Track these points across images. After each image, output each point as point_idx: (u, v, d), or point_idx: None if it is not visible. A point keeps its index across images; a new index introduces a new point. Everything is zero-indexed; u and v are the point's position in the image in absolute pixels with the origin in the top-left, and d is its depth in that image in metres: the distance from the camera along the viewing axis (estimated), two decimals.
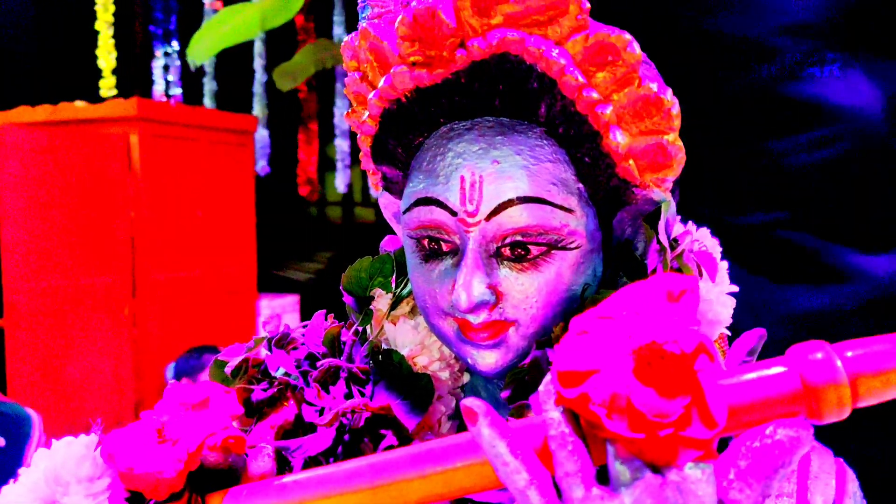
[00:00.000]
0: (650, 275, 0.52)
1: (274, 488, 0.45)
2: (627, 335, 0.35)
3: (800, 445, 0.36)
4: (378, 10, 0.53)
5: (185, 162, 3.73)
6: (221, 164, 4.00)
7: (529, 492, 0.36)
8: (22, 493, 0.46)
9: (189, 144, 3.79)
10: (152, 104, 3.80)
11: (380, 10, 0.53)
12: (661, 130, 0.49)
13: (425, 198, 0.52)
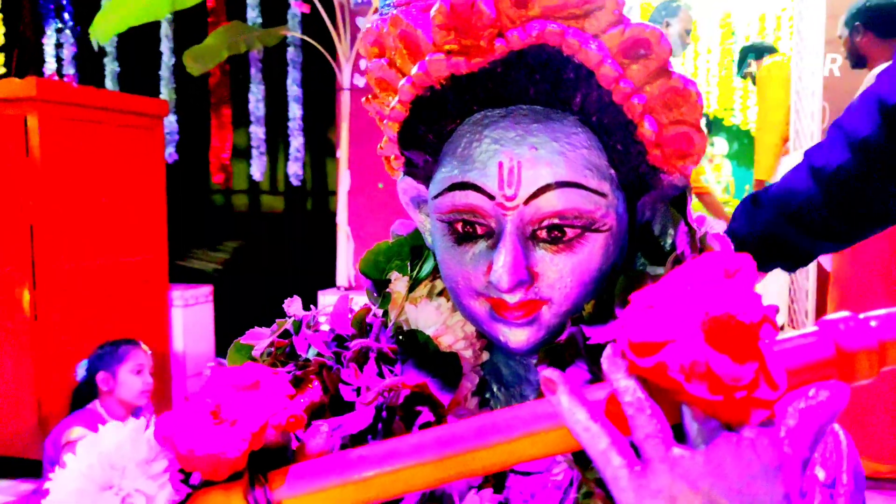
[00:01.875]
0: (671, 255, 0.56)
1: (340, 463, 0.46)
2: (696, 308, 0.38)
3: (839, 405, 0.40)
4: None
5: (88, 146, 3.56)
6: (129, 150, 3.83)
7: (611, 454, 0.39)
8: (77, 479, 0.45)
9: (93, 128, 3.61)
10: (53, 84, 3.60)
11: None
12: (687, 121, 0.53)
13: (461, 182, 0.54)
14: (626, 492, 0.39)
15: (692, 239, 0.56)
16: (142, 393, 2.71)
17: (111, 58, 5.27)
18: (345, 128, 4.13)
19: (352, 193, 4.11)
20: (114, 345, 2.80)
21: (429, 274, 0.64)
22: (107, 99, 3.79)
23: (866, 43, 3.53)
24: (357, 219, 4.11)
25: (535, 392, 0.61)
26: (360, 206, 4.10)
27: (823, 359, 0.42)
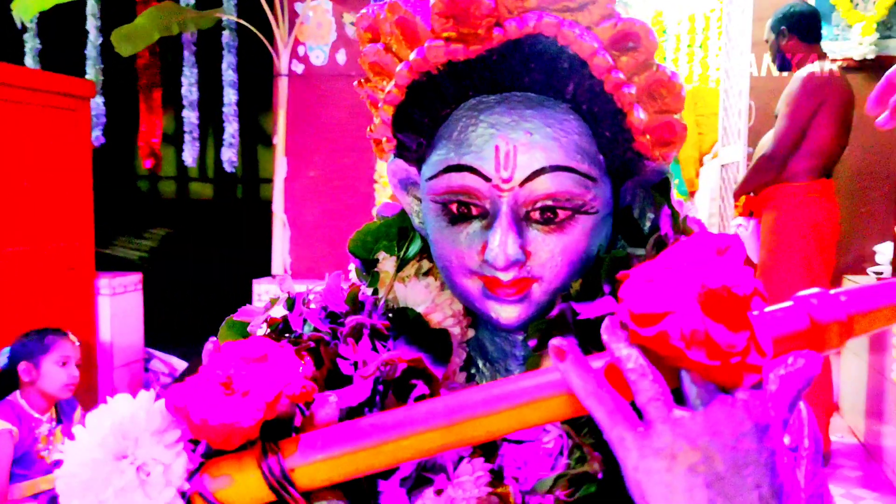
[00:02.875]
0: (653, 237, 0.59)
1: (352, 431, 0.47)
2: (693, 282, 0.42)
3: (813, 372, 0.44)
4: None
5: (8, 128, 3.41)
6: (52, 132, 3.69)
7: (616, 416, 0.42)
8: (90, 450, 0.45)
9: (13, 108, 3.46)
10: None
11: None
12: (671, 110, 0.56)
13: (458, 165, 0.56)
14: (630, 451, 0.42)
15: (675, 222, 0.60)
16: (66, 386, 2.61)
17: (32, 34, 5.05)
18: (282, 114, 4.09)
19: (288, 181, 4.07)
20: (39, 334, 2.70)
21: (416, 254, 0.66)
22: (28, 78, 3.62)
23: (791, 46, 3.70)
24: (293, 206, 4.07)
25: (520, 367, 0.64)
26: (296, 193, 4.06)
27: (799, 330, 0.46)
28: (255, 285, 3.98)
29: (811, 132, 3.50)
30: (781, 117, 3.55)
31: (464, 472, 0.55)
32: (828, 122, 3.48)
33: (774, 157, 3.52)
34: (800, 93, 3.47)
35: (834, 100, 3.46)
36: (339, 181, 4.02)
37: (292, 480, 0.47)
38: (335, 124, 4.01)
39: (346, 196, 4.00)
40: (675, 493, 0.42)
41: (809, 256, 3.53)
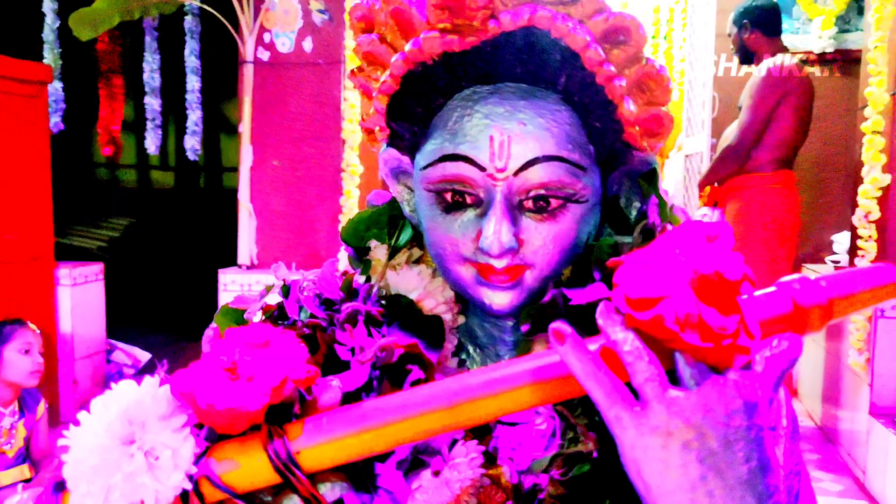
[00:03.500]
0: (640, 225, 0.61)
1: (356, 414, 0.48)
2: (686, 268, 0.43)
3: (798, 353, 0.46)
4: None
5: None
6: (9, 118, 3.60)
7: (614, 396, 0.44)
8: (97, 436, 0.46)
9: None
10: None
11: None
12: (660, 102, 0.58)
13: (453, 154, 0.57)
14: (627, 430, 0.44)
15: (662, 211, 0.62)
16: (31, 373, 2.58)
17: None
18: (247, 102, 4.03)
19: (253, 170, 4.03)
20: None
21: (407, 242, 0.67)
22: None
23: (754, 40, 3.78)
24: (259, 196, 4.03)
25: (510, 351, 0.65)
26: (262, 182, 4.03)
27: (783, 313, 0.48)
28: (221, 275, 3.94)
29: (773, 124, 3.59)
30: (745, 109, 3.63)
31: (458, 454, 0.56)
32: (789, 114, 3.57)
33: (739, 148, 3.60)
34: (763, 86, 3.55)
35: (795, 92, 3.55)
36: (305, 170, 3.99)
37: (298, 463, 0.48)
38: (302, 113, 3.98)
39: (312, 185, 3.98)
40: (670, 468, 0.44)
41: (771, 245, 3.62)
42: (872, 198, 3.19)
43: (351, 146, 3.90)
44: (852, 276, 0.50)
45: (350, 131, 3.89)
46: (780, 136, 3.60)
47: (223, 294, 3.93)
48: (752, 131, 3.57)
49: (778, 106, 3.55)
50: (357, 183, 3.92)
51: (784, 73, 3.55)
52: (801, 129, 3.64)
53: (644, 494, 0.45)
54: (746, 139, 3.57)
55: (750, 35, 3.77)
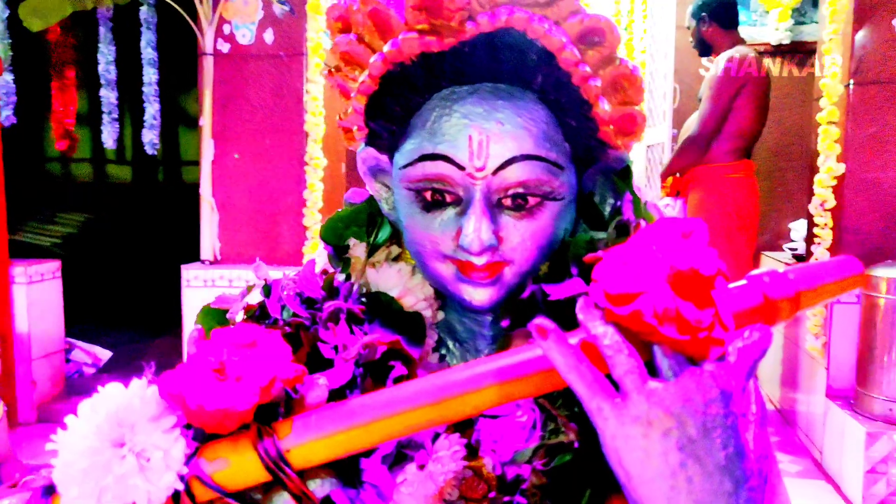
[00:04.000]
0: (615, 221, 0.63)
1: (343, 411, 0.49)
2: (662, 264, 0.45)
3: (768, 343, 0.48)
4: None
5: None
6: None
7: (595, 388, 0.45)
8: (86, 439, 0.46)
9: None
10: None
11: None
12: (633, 101, 0.59)
13: (433, 154, 0.58)
14: (609, 420, 0.46)
15: (636, 207, 0.64)
16: None
17: None
18: (208, 95, 3.97)
19: (215, 163, 3.98)
20: None
21: (386, 240, 0.68)
22: None
23: (711, 33, 3.86)
24: (221, 190, 3.99)
25: (489, 346, 0.67)
26: (224, 176, 3.98)
27: (754, 306, 0.50)
28: (184, 271, 3.90)
29: (732, 115, 3.67)
30: (705, 100, 3.70)
31: (441, 448, 0.58)
32: (747, 104, 3.65)
33: (699, 138, 3.67)
34: (721, 78, 3.63)
35: (753, 83, 3.63)
36: (267, 163, 3.95)
37: (287, 461, 0.49)
38: (263, 105, 3.94)
39: (275, 179, 3.94)
40: (651, 456, 0.45)
41: (733, 234, 3.70)
42: (828, 186, 3.28)
43: (314, 139, 3.88)
44: (818, 268, 0.52)
45: (313, 124, 3.86)
46: (738, 127, 3.68)
47: (187, 290, 3.88)
48: (711, 122, 3.64)
49: (736, 97, 3.63)
50: (320, 176, 3.89)
51: (742, 64, 3.63)
52: (759, 120, 3.72)
53: (625, 482, 0.47)
54: (706, 130, 3.65)
55: (708, 28, 3.84)
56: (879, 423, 2.92)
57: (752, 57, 3.67)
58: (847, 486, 3.03)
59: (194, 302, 3.89)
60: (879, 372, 2.95)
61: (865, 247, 3.26)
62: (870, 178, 3.25)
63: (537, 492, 0.57)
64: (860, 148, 3.25)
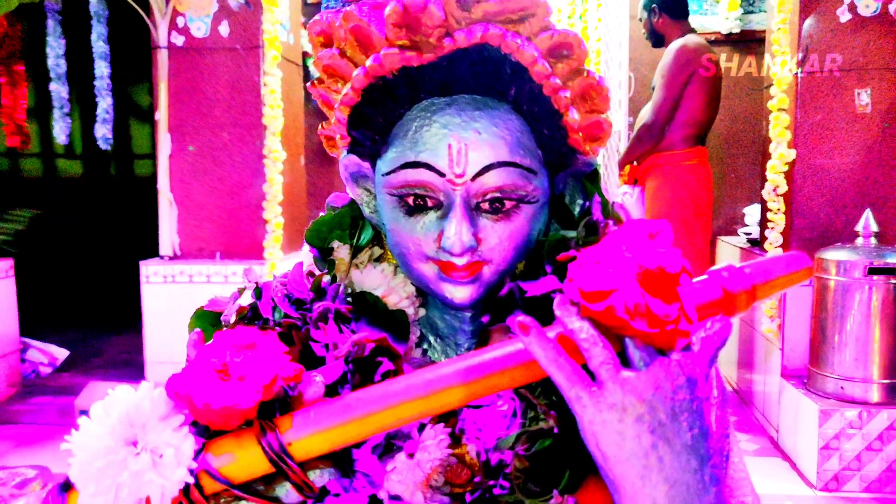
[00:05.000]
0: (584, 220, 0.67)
1: (340, 406, 0.53)
2: (632, 263, 0.49)
3: (728, 333, 0.53)
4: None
5: None
6: None
7: (574, 378, 0.50)
8: (101, 439, 0.49)
9: None
10: None
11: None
12: (600, 110, 0.64)
13: (414, 161, 0.62)
14: (587, 407, 0.50)
15: (605, 208, 0.68)
16: None
17: None
18: (163, 89, 3.93)
19: (172, 158, 3.94)
20: None
21: (368, 241, 0.71)
22: None
23: (662, 24, 3.96)
24: (179, 185, 3.95)
25: (469, 340, 0.71)
26: (181, 171, 3.95)
27: (714, 300, 0.55)
28: (143, 267, 3.86)
29: (684, 102, 3.76)
30: (658, 88, 3.79)
31: (427, 437, 0.61)
32: (698, 92, 3.75)
33: (654, 126, 3.77)
34: (672, 64, 3.73)
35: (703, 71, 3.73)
36: (225, 157, 3.93)
37: (290, 453, 0.52)
38: (220, 99, 3.91)
39: (234, 172, 3.92)
40: (625, 439, 0.50)
41: (689, 220, 3.80)
42: (780, 172, 3.38)
43: (272, 132, 3.86)
44: (771, 263, 0.58)
45: (271, 117, 3.84)
46: (691, 114, 3.78)
47: (146, 286, 3.85)
48: (664, 109, 3.73)
49: (688, 84, 3.72)
50: (280, 169, 3.88)
51: (692, 52, 3.73)
52: (711, 107, 3.83)
53: (602, 464, 0.51)
54: (660, 117, 3.74)
55: (659, 19, 3.93)
56: (832, 400, 3.03)
57: (701, 45, 3.77)
58: (802, 463, 3.14)
59: (154, 298, 3.86)
60: (831, 351, 3.05)
61: (815, 230, 3.38)
62: (818, 164, 3.37)
63: (520, 475, 0.61)
64: (808, 135, 3.36)
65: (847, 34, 3.30)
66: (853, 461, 2.97)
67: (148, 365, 3.89)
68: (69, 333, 5.24)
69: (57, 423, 3.74)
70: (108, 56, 4.96)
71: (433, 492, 0.62)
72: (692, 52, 3.72)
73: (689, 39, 3.79)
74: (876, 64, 3.30)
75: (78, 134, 6.44)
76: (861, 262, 2.96)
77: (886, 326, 2.95)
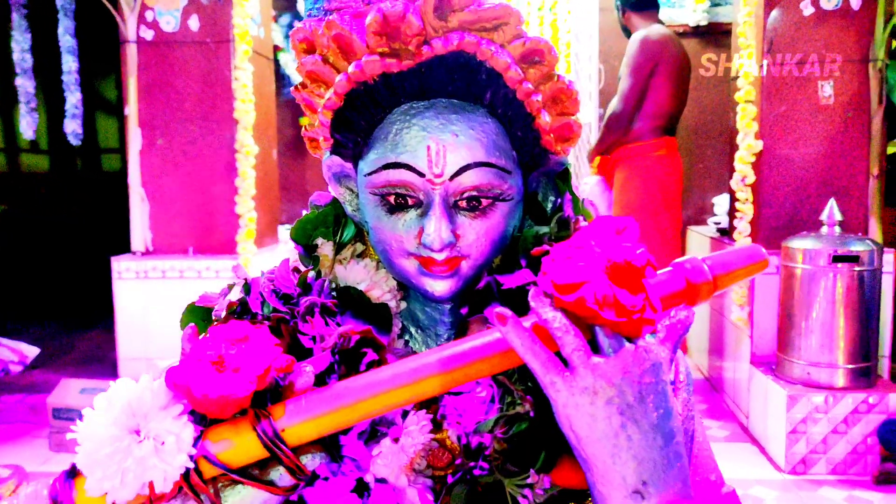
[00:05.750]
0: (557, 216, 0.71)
1: (329, 394, 0.56)
2: (601, 257, 0.53)
3: (691, 321, 0.57)
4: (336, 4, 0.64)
5: None
6: None
7: (549, 365, 0.53)
8: (105, 428, 0.52)
9: None
10: None
11: (338, 4, 0.64)
12: (570, 112, 0.67)
13: (395, 162, 0.65)
14: (561, 391, 0.54)
15: (575, 205, 0.72)
16: None
17: None
18: (132, 83, 3.90)
19: (143, 153, 3.92)
20: None
21: (351, 238, 0.75)
22: None
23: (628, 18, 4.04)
24: (150, 180, 3.93)
25: (448, 331, 0.74)
26: (153, 165, 3.92)
27: (678, 290, 0.59)
28: (115, 262, 3.85)
29: (651, 93, 3.83)
30: (624, 78, 3.86)
31: (411, 423, 0.65)
32: (664, 81, 3.82)
33: (622, 115, 3.84)
34: (637, 54, 3.80)
35: (667, 60, 3.80)
36: (196, 152, 3.91)
37: (283, 439, 0.55)
38: (191, 93, 3.89)
39: (206, 167, 3.91)
40: (597, 420, 0.54)
41: (658, 210, 3.87)
42: (747, 163, 3.45)
43: (244, 126, 3.84)
44: (730, 256, 0.62)
45: (243, 111, 3.83)
46: (658, 106, 3.85)
47: (118, 282, 3.83)
48: (631, 98, 3.81)
49: (653, 75, 3.79)
50: (252, 164, 3.87)
51: (656, 41, 3.80)
52: (678, 97, 3.90)
53: (575, 444, 0.55)
54: (627, 106, 3.82)
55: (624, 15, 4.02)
56: (799, 385, 3.11)
57: (666, 35, 3.84)
58: (771, 447, 3.22)
59: (126, 294, 3.84)
60: (798, 338, 3.13)
61: (781, 219, 3.46)
62: (783, 154, 3.45)
63: (498, 457, 0.65)
64: (774, 126, 3.44)
65: (810, 27, 3.38)
66: (819, 444, 3.05)
67: (121, 361, 3.88)
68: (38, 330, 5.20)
69: (29, 420, 3.71)
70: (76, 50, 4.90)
71: (416, 475, 0.66)
72: (655, 43, 3.80)
73: (653, 30, 3.86)
74: (839, 56, 3.38)
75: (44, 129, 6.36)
76: (825, 251, 3.03)
77: (850, 313, 3.03)
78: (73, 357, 4.68)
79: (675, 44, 3.86)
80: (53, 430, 3.31)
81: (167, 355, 3.70)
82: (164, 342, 3.80)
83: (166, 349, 3.79)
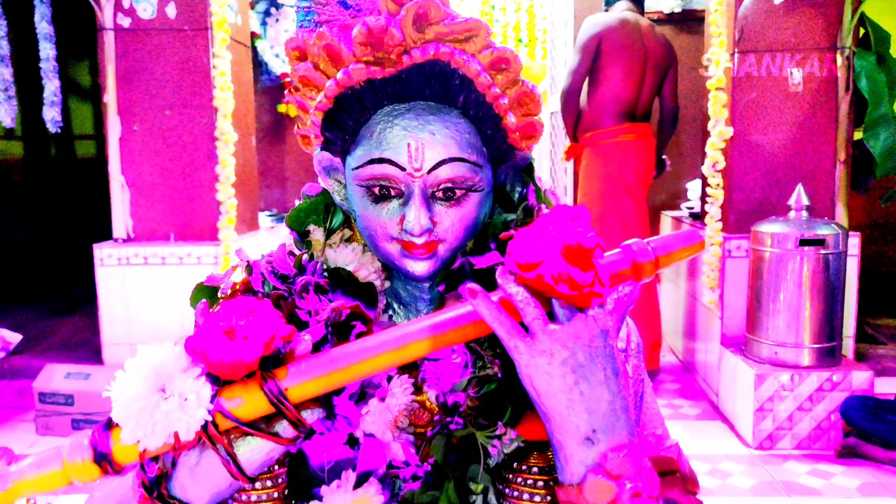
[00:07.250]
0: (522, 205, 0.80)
1: (326, 359, 0.65)
2: (556, 240, 0.62)
3: (636, 295, 0.67)
4: (325, 17, 0.72)
5: None
6: None
7: (513, 331, 0.63)
8: (136, 387, 0.61)
9: None
10: None
11: (327, 17, 0.72)
12: (533, 113, 0.77)
13: (379, 158, 0.74)
14: (522, 354, 0.63)
15: (538, 195, 0.81)
16: None
17: None
18: (110, 70, 3.91)
19: (122, 140, 3.94)
20: None
21: (340, 225, 0.84)
22: None
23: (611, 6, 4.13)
24: (130, 167, 3.96)
25: (427, 306, 0.84)
26: (132, 153, 3.95)
27: (625, 269, 0.68)
28: (97, 250, 3.87)
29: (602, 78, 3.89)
30: (572, 56, 3.98)
31: (395, 385, 0.75)
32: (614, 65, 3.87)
33: (570, 91, 3.94)
34: (581, 34, 3.91)
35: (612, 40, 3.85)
36: (175, 139, 3.93)
37: (286, 397, 0.64)
38: (169, 81, 3.90)
39: (186, 154, 3.93)
40: (553, 378, 0.63)
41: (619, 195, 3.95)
42: (718, 148, 3.55)
43: (223, 114, 3.85)
44: (671, 239, 0.71)
45: (222, 99, 3.84)
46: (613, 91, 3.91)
47: (101, 269, 3.86)
48: (576, 74, 3.90)
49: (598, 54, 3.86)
50: (232, 151, 3.89)
51: (599, 21, 3.89)
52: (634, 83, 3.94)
53: (536, 399, 0.65)
54: (574, 81, 3.92)
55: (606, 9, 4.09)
56: (766, 365, 3.23)
57: (615, 17, 3.91)
58: (740, 425, 3.34)
59: (109, 280, 3.88)
60: (766, 319, 3.24)
61: (751, 204, 3.57)
62: (753, 140, 3.54)
63: (471, 413, 0.75)
64: (744, 112, 3.54)
65: (780, 15, 3.47)
66: (785, 421, 3.18)
67: (105, 346, 3.92)
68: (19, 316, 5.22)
69: (14, 405, 3.76)
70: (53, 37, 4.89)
71: (400, 431, 0.76)
72: (598, 24, 3.88)
73: (601, 13, 3.97)
74: (807, 44, 3.48)
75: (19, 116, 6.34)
76: (793, 234, 3.13)
77: (816, 294, 3.14)
78: (55, 342, 4.71)
79: (629, 28, 3.86)
80: (39, 414, 3.36)
81: (150, 340, 3.76)
82: (147, 327, 3.85)
83: (149, 334, 3.84)
